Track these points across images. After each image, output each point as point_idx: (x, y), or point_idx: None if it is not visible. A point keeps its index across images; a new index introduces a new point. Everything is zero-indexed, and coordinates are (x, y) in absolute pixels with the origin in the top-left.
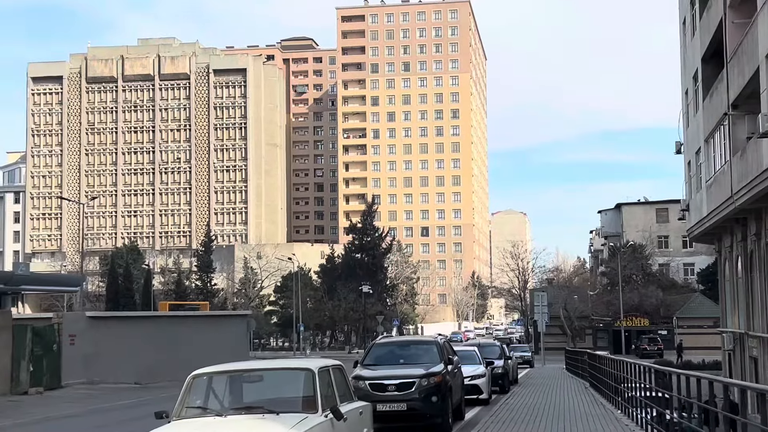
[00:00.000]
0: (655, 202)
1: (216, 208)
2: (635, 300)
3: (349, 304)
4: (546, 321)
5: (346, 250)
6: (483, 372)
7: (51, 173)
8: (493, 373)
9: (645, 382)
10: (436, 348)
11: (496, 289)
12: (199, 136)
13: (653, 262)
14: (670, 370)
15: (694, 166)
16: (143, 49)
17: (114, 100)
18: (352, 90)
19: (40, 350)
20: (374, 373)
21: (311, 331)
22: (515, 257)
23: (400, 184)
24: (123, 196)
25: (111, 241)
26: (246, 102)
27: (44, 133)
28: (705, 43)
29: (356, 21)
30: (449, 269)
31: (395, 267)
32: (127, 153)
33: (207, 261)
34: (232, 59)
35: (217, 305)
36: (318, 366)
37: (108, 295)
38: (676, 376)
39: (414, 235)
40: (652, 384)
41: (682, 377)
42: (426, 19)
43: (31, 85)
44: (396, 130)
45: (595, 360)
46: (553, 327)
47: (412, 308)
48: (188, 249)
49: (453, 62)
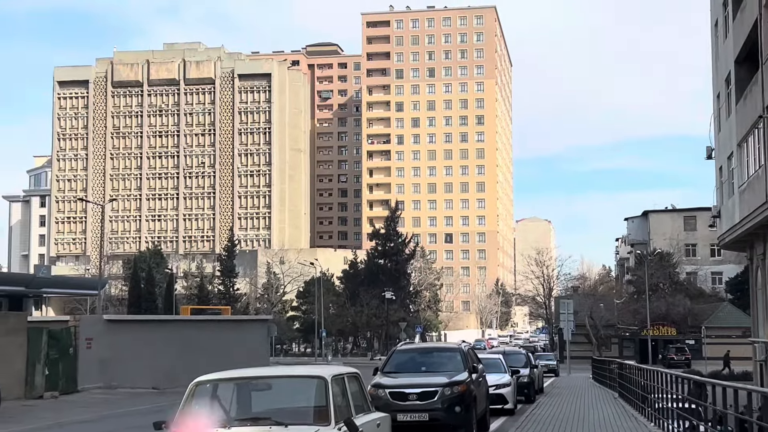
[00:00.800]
0: (683, 210)
1: (239, 213)
2: (662, 309)
3: (371, 310)
4: (572, 329)
5: (369, 255)
6: (508, 381)
7: (76, 177)
8: (519, 382)
9: (678, 393)
10: (460, 355)
11: (520, 297)
12: (223, 141)
13: (681, 270)
14: (707, 380)
15: (726, 172)
16: (169, 54)
17: (139, 104)
18: (376, 95)
19: (55, 354)
20: (395, 381)
21: (333, 337)
22: (540, 264)
23: (424, 191)
24: (147, 200)
25: (135, 245)
26: (270, 107)
27: (70, 136)
28: (738, 44)
29: (381, 26)
30: (473, 276)
31: (418, 273)
32: (151, 157)
33: (230, 266)
34: (256, 64)
35: (240, 310)
36: (331, 373)
37: (130, 299)
38: (713, 387)
39: (438, 241)
40: (685, 394)
41: (718, 388)
42: (451, 25)
43: (57, 89)
44: (420, 136)
45: (625, 369)
46: (578, 335)
47: (435, 315)
48: (211, 253)
49: (478, 68)
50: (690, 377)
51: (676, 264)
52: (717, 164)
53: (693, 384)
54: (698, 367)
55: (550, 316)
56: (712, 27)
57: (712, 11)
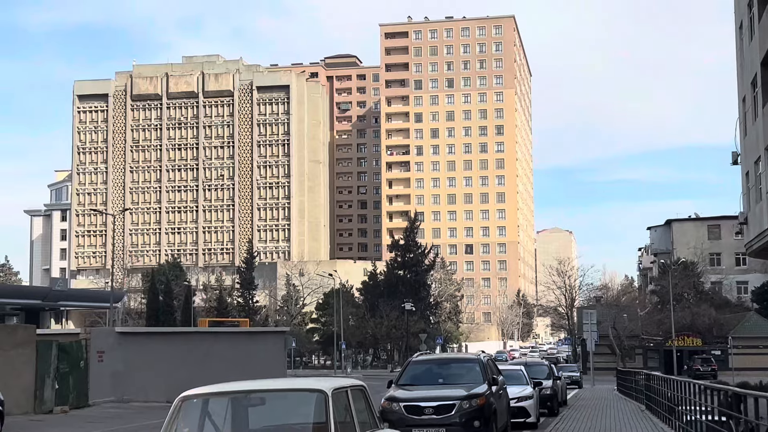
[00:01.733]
0: (707, 218)
1: (259, 225)
2: (687, 319)
3: (391, 321)
4: (595, 340)
5: (389, 266)
6: (530, 393)
7: (96, 190)
8: (542, 394)
9: (708, 405)
10: (479, 366)
11: (542, 308)
12: (242, 153)
13: (705, 279)
14: (747, 392)
15: (753, 177)
16: (187, 67)
17: (158, 117)
18: (395, 106)
19: (66, 367)
20: (410, 394)
21: (353, 349)
22: (562, 274)
23: (443, 201)
24: (167, 213)
25: (155, 258)
26: (289, 119)
27: (90, 150)
28: (765, 46)
29: (399, 37)
30: (494, 287)
31: (439, 284)
32: (171, 170)
33: (249, 278)
34: (275, 76)
35: (259, 322)
36: (332, 387)
37: (148, 311)
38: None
39: (458, 252)
40: (715, 406)
41: (752, 400)
42: (470, 35)
43: (77, 103)
44: (440, 146)
45: (652, 380)
46: (601, 346)
47: (456, 326)
48: (231, 266)
49: (497, 78)
50: (728, 388)
51: (700, 273)
52: (743, 169)
53: (724, 395)
54: (725, 378)
55: (573, 327)
56: (737, 29)
57: (736, 13)
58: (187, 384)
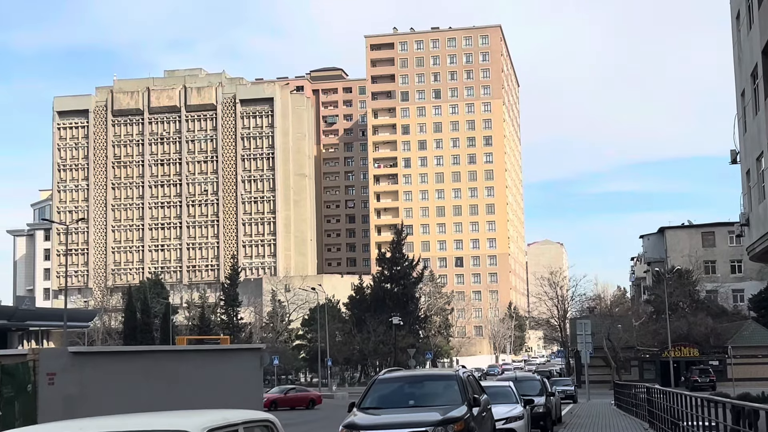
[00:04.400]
0: (701, 226)
1: (244, 241)
2: (683, 329)
3: (378, 336)
4: (590, 351)
5: (375, 280)
6: (520, 413)
7: (77, 208)
8: (534, 412)
9: (715, 419)
10: (458, 384)
11: (534, 320)
12: (226, 168)
13: (701, 288)
14: (759, 406)
15: (755, 175)
16: (169, 81)
17: (140, 132)
18: (382, 119)
19: (10, 391)
20: (374, 419)
21: (340, 366)
22: (553, 285)
23: (432, 214)
24: (150, 230)
25: (138, 276)
26: (273, 132)
27: (70, 167)
28: (767, 33)
29: (385, 49)
30: (485, 300)
31: (428, 298)
32: (153, 186)
33: (233, 294)
34: (258, 88)
35: (243, 340)
36: (206, 427)
37: (125, 330)
38: None
39: (448, 265)
40: (722, 421)
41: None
42: (456, 45)
43: (57, 119)
44: (428, 158)
45: (655, 395)
46: (596, 358)
47: (446, 341)
48: (216, 283)
49: (485, 88)
50: (743, 404)
51: (695, 282)
52: (743, 168)
53: (733, 410)
54: (724, 389)
55: (566, 339)
56: (733, 20)
57: (732, 3)
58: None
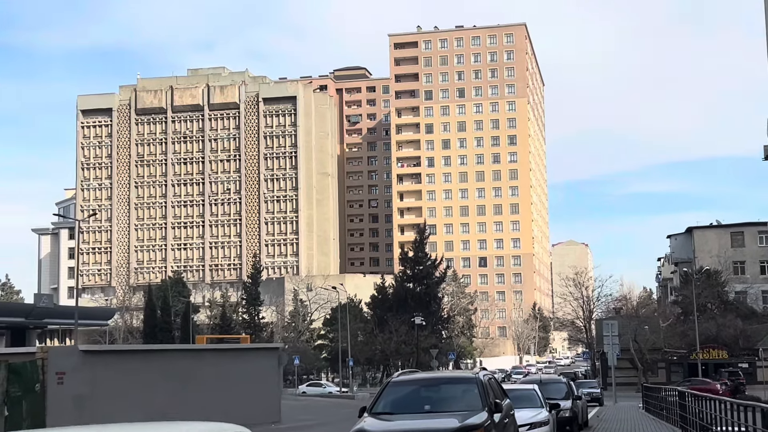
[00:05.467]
0: (730, 225)
1: (266, 240)
2: (712, 330)
3: (400, 337)
4: (617, 353)
5: (398, 280)
6: (545, 418)
7: (101, 206)
8: (559, 417)
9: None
10: (478, 388)
11: (558, 321)
12: (249, 166)
13: (730, 289)
14: None
15: None
16: (192, 80)
17: (163, 131)
18: (405, 118)
19: (18, 390)
20: (385, 425)
21: (362, 366)
22: (579, 285)
23: (456, 214)
24: (173, 229)
25: (161, 275)
26: (296, 130)
27: (94, 166)
28: None
29: (409, 47)
30: (509, 301)
31: (451, 298)
32: (176, 185)
33: (254, 293)
34: (281, 87)
35: (265, 339)
36: None
37: (145, 329)
38: None
39: (472, 265)
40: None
41: None
42: (481, 44)
43: (81, 118)
44: (451, 157)
45: (687, 399)
46: (622, 360)
47: (469, 341)
48: (238, 282)
49: (509, 87)
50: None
51: (724, 282)
52: None
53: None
54: (755, 392)
55: (591, 341)
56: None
57: None
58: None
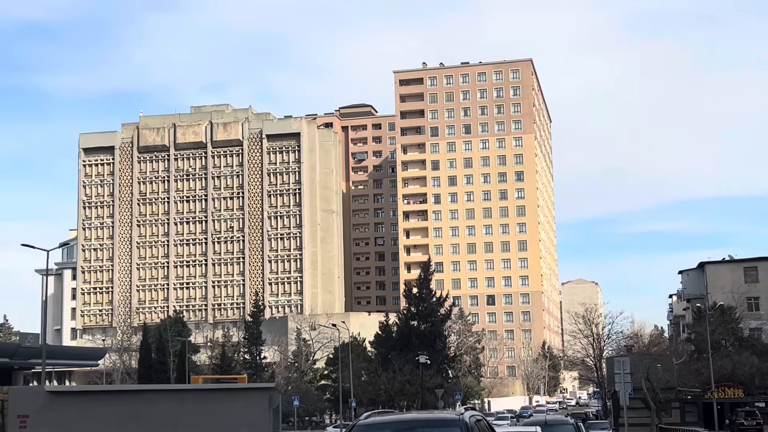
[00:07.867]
0: (743, 260)
1: (270, 278)
2: (727, 368)
3: (405, 376)
4: (629, 392)
5: (401, 317)
6: None
7: (102, 246)
8: None
9: None
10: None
11: (568, 360)
12: (252, 204)
13: (744, 325)
14: None
15: None
16: (195, 117)
17: (166, 169)
18: (411, 154)
19: None
20: None
21: (365, 407)
22: (588, 323)
23: (463, 251)
24: (175, 268)
25: (163, 314)
26: (300, 167)
27: (96, 204)
28: None
29: (414, 84)
30: (518, 339)
31: (457, 336)
32: (179, 223)
33: (256, 333)
34: (285, 123)
35: (266, 379)
36: None
37: (140, 370)
38: None
39: (479, 303)
40: None
41: None
42: (486, 80)
43: (83, 156)
44: (458, 194)
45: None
46: (634, 400)
47: (477, 381)
48: (241, 321)
49: (516, 123)
50: None
51: (739, 319)
52: None
53: None
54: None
55: (602, 380)
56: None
57: None
58: None
